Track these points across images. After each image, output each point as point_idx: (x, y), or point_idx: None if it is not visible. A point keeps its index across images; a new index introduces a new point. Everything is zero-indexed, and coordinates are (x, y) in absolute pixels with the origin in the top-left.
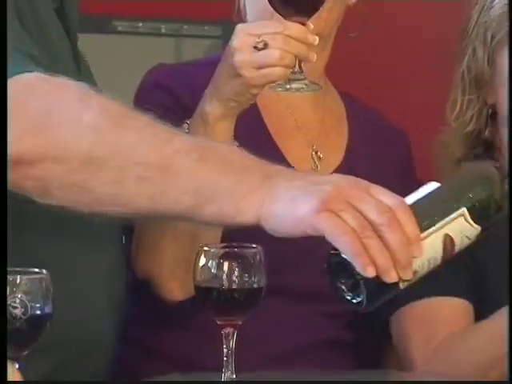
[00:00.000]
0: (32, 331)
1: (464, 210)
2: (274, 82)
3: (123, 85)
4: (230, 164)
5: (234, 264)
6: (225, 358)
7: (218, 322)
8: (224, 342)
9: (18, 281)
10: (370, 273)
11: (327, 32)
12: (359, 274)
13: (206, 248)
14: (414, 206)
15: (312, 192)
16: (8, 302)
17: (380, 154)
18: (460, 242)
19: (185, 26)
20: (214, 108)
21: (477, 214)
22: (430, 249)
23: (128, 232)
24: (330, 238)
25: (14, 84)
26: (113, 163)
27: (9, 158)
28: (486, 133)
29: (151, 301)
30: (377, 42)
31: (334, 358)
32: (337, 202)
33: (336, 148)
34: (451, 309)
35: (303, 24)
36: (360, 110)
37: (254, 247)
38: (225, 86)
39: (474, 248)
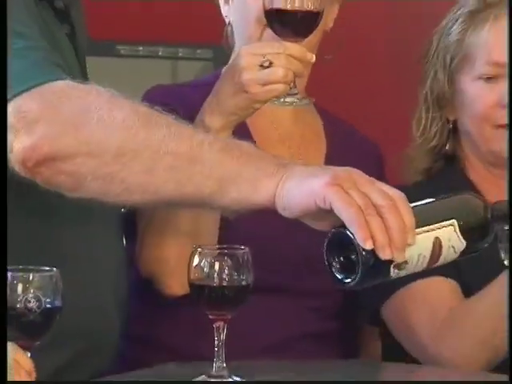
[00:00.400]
0: (44, 322)
1: (455, 221)
2: (276, 97)
3: None
4: (248, 154)
5: (225, 263)
6: (216, 349)
7: (210, 317)
8: (215, 334)
9: (31, 278)
10: (368, 245)
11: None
12: (357, 250)
13: (199, 249)
14: (413, 208)
15: (324, 172)
16: (24, 297)
17: (356, 166)
18: (446, 250)
19: (180, 50)
20: (215, 120)
21: (465, 230)
22: (421, 244)
23: (129, 233)
24: (337, 208)
25: (48, 90)
26: (145, 154)
27: (42, 156)
28: (448, 147)
29: (152, 299)
30: (350, 63)
31: (317, 350)
32: (346, 181)
33: (315, 161)
34: (444, 287)
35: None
36: (336, 125)
37: (242, 248)
38: (229, 101)
39: None
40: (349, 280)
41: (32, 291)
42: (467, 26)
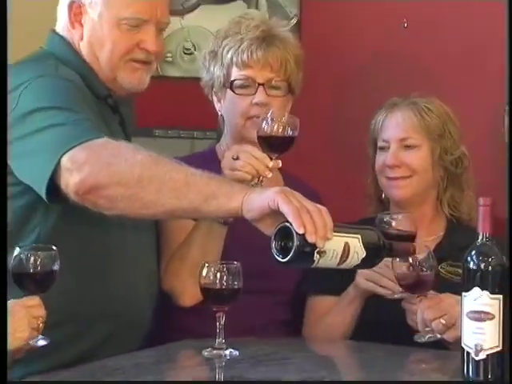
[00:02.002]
0: (47, 280)
1: (360, 236)
2: (241, 180)
3: None
4: (225, 181)
5: (223, 273)
6: (218, 330)
7: (214, 309)
8: (217, 320)
9: (39, 253)
10: (301, 230)
11: None
12: (293, 238)
13: (207, 264)
14: (336, 223)
15: (274, 188)
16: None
17: None
18: (352, 254)
19: (195, 132)
20: None
21: (365, 245)
22: (336, 243)
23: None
24: (282, 207)
25: (93, 143)
26: (156, 181)
27: (88, 187)
28: (383, 196)
29: None
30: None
31: (282, 330)
32: (289, 192)
33: None
34: (324, 302)
35: (271, 157)
36: (291, 180)
37: (235, 263)
38: None
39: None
40: (284, 259)
41: (39, 261)
42: (379, 119)
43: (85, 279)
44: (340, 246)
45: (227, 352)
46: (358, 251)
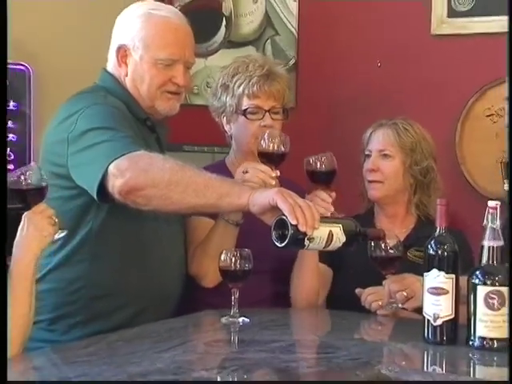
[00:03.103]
0: (40, 194)
1: (341, 226)
2: None
3: None
4: (235, 183)
5: (237, 258)
6: (232, 303)
7: (229, 285)
8: (232, 294)
9: (27, 173)
10: (294, 222)
11: None
12: (289, 228)
13: (224, 250)
14: (323, 216)
15: (273, 189)
16: (26, 181)
17: None
18: (335, 239)
19: (215, 148)
20: None
21: (345, 232)
22: (322, 231)
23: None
24: (279, 203)
25: (133, 155)
26: (182, 183)
27: (129, 188)
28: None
29: None
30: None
31: (279, 302)
32: (285, 192)
33: None
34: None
35: (272, 168)
36: (286, 181)
37: (246, 250)
38: None
39: None
40: (282, 244)
41: (27, 176)
42: (367, 134)
43: (126, 262)
44: (325, 234)
45: (240, 319)
46: (339, 237)
